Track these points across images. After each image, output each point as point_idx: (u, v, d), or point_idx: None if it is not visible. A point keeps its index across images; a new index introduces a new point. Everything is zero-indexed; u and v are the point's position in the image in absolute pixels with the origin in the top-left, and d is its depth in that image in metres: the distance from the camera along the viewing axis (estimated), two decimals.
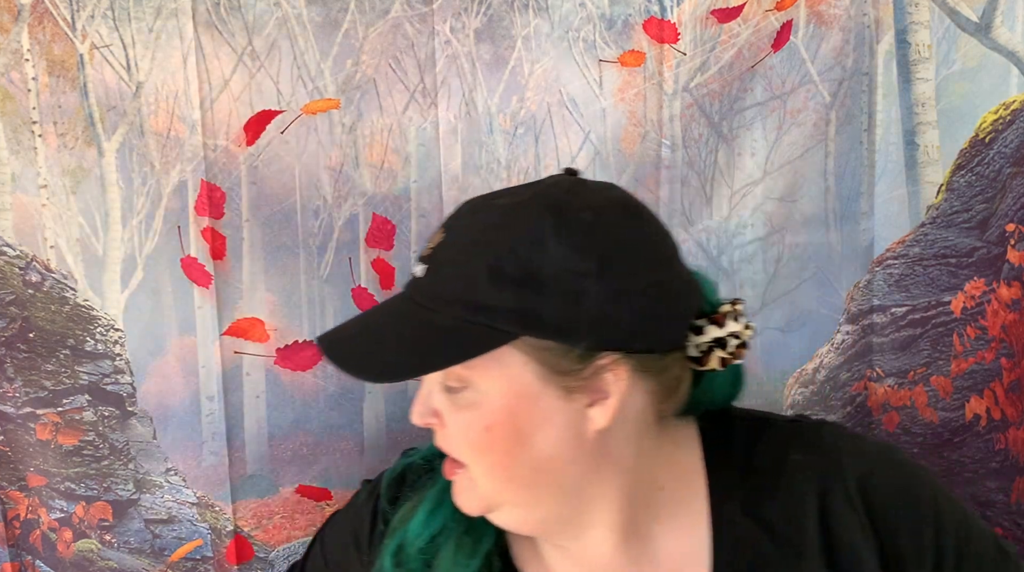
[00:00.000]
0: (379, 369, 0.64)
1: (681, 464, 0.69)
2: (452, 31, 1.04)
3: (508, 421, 0.62)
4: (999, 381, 1.10)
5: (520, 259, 0.59)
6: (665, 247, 0.66)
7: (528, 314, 0.59)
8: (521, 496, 0.65)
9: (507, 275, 0.59)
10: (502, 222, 0.62)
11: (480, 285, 0.60)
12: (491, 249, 0.61)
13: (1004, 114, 1.08)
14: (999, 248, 1.09)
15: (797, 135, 1.11)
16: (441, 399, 0.64)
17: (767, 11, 1.08)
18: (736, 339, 0.67)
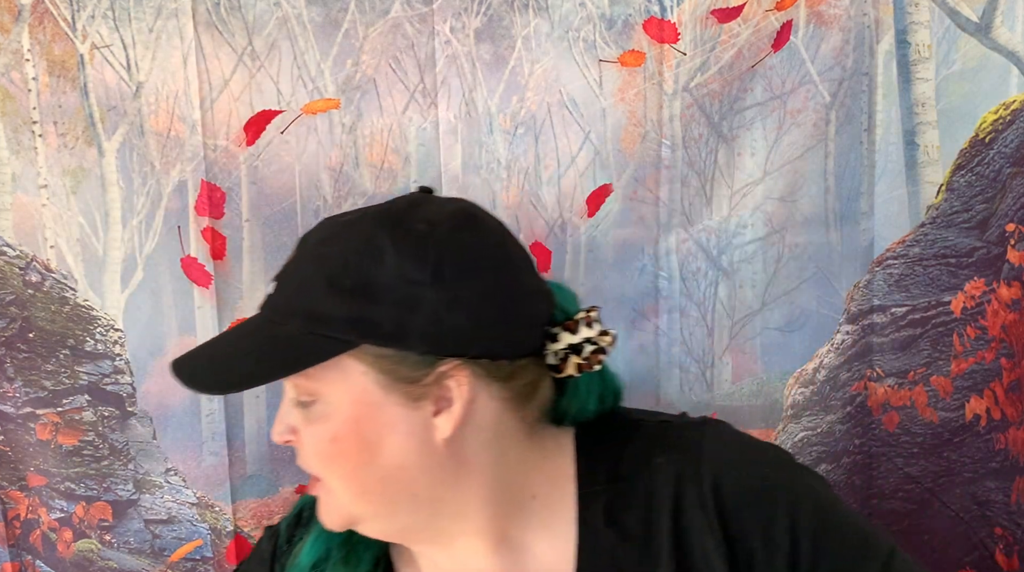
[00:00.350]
0: (220, 381, 0.66)
1: (554, 472, 0.69)
2: (452, 31, 1.04)
3: (353, 431, 0.62)
4: (999, 381, 1.10)
5: (357, 269, 0.61)
6: (505, 255, 0.66)
7: (364, 322, 0.60)
8: (377, 507, 0.65)
9: (344, 285, 0.61)
10: (341, 235, 0.64)
11: (318, 296, 0.61)
12: (329, 261, 0.62)
13: (1004, 114, 1.08)
14: (999, 248, 1.09)
15: (797, 135, 1.11)
16: (296, 415, 0.64)
17: (767, 11, 1.08)
18: (591, 345, 0.67)
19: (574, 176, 1.09)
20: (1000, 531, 1.12)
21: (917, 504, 1.16)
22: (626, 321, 1.12)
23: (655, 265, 1.11)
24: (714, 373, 1.14)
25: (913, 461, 1.16)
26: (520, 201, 1.09)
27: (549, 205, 1.10)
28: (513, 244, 0.67)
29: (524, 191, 1.09)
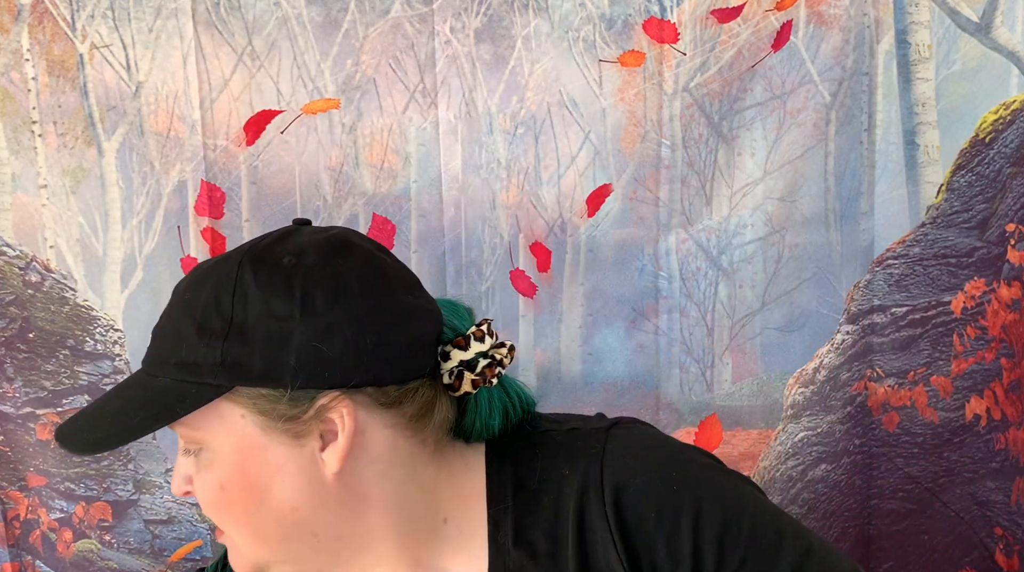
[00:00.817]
0: (96, 439, 0.63)
1: (463, 492, 0.67)
2: (452, 31, 1.04)
3: (240, 476, 0.61)
4: (999, 381, 1.10)
5: (223, 312, 0.59)
6: (381, 278, 0.63)
7: (234, 365, 0.58)
8: (280, 552, 0.64)
9: (211, 329, 0.59)
10: (209, 277, 0.62)
11: (189, 342, 0.60)
12: (197, 306, 0.61)
13: (1004, 114, 1.08)
14: (999, 248, 1.09)
15: (797, 135, 1.11)
16: (188, 464, 0.62)
17: (767, 11, 1.08)
18: (486, 359, 0.65)
19: (574, 176, 1.09)
20: (1000, 531, 1.12)
21: (917, 504, 1.16)
22: (626, 321, 1.12)
23: (655, 265, 1.11)
24: (714, 373, 1.14)
25: (913, 461, 1.16)
26: (520, 201, 1.09)
27: (549, 205, 1.10)
28: (392, 266, 0.65)
29: (524, 191, 1.09)
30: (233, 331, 0.59)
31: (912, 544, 1.16)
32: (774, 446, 1.16)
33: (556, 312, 1.12)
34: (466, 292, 1.09)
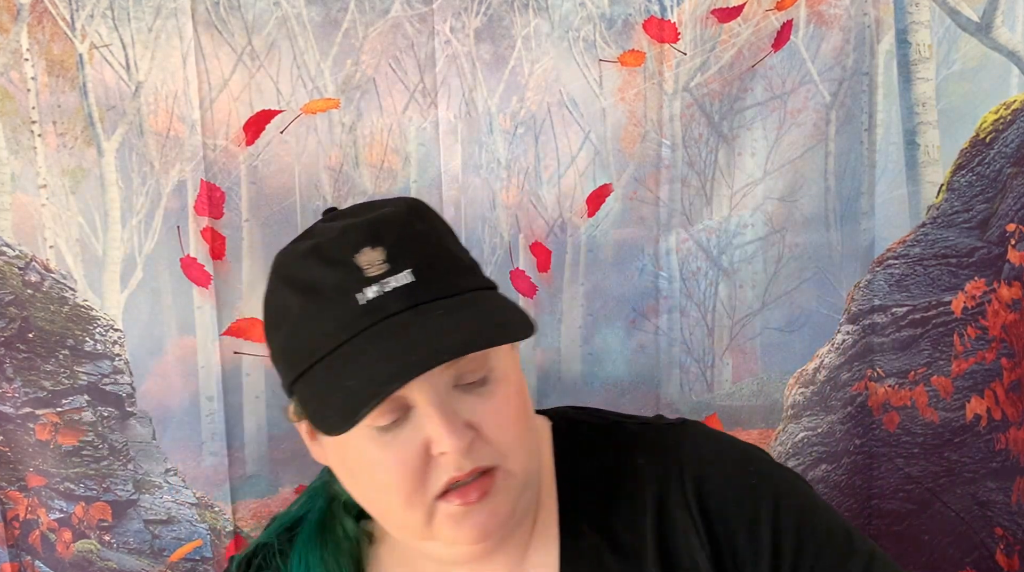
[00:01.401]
0: (519, 320, 0.62)
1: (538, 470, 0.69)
2: (452, 31, 1.04)
3: (522, 381, 0.65)
4: (999, 381, 1.10)
5: (463, 248, 0.68)
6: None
7: (477, 268, 0.67)
8: (532, 474, 0.66)
9: (469, 261, 0.67)
10: (430, 212, 0.68)
11: (475, 269, 0.67)
12: (451, 240, 0.66)
13: (1005, 114, 1.08)
14: (999, 248, 1.09)
15: (797, 135, 1.11)
16: (465, 408, 0.61)
17: (767, 11, 1.08)
18: None
19: (574, 176, 1.09)
20: (1000, 531, 1.12)
21: (918, 504, 1.16)
22: (626, 321, 1.12)
23: (655, 265, 1.11)
24: (714, 373, 1.14)
25: (913, 461, 1.16)
26: (520, 201, 1.09)
27: (549, 205, 1.10)
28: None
29: (524, 191, 1.09)
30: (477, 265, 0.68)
31: (912, 544, 1.16)
32: (774, 446, 1.16)
33: (556, 312, 1.12)
34: None
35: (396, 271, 0.60)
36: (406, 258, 0.60)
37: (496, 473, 0.61)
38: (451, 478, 0.59)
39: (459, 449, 0.58)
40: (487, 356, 0.61)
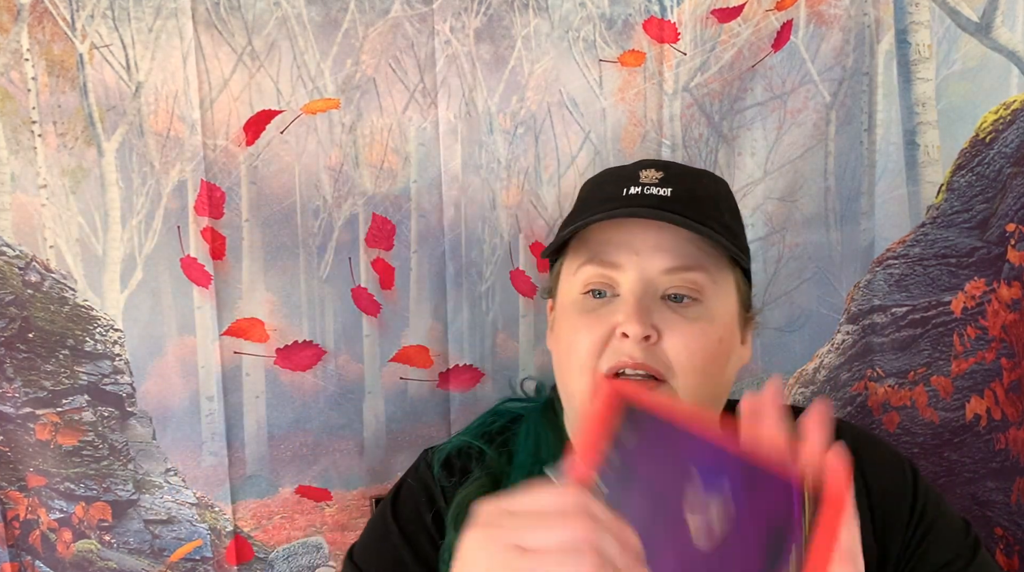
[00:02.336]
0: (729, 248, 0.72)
1: None
2: (452, 31, 1.04)
3: (727, 339, 0.71)
4: (999, 381, 1.10)
5: (732, 204, 0.78)
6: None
7: (746, 252, 0.75)
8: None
9: (734, 211, 0.77)
10: (706, 175, 0.79)
11: (728, 212, 0.76)
12: (719, 190, 0.78)
13: (1004, 114, 1.08)
14: (999, 248, 1.09)
15: (797, 135, 1.11)
16: (661, 317, 0.69)
17: (767, 11, 1.08)
18: None
19: (574, 176, 1.09)
20: (1000, 531, 1.12)
21: None
22: None
23: None
24: None
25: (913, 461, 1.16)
26: (520, 201, 1.09)
27: (549, 205, 1.10)
28: None
29: (524, 191, 1.09)
30: (740, 225, 0.77)
31: None
32: None
33: None
34: (466, 292, 1.09)
35: (662, 186, 0.72)
36: (675, 184, 0.72)
37: (662, 386, 0.69)
38: (620, 362, 0.68)
39: (636, 335, 0.67)
40: (701, 284, 0.70)
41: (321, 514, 1.10)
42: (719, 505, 0.49)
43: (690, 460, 0.50)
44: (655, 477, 0.50)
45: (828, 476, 0.49)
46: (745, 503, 0.49)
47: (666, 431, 0.51)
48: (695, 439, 0.50)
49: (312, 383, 1.07)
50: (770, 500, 0.49)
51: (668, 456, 0.50)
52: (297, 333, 1.06)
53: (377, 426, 1.10)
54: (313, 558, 1.12)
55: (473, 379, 1.12)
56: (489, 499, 0.51)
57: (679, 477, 0.50)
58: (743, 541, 0.49)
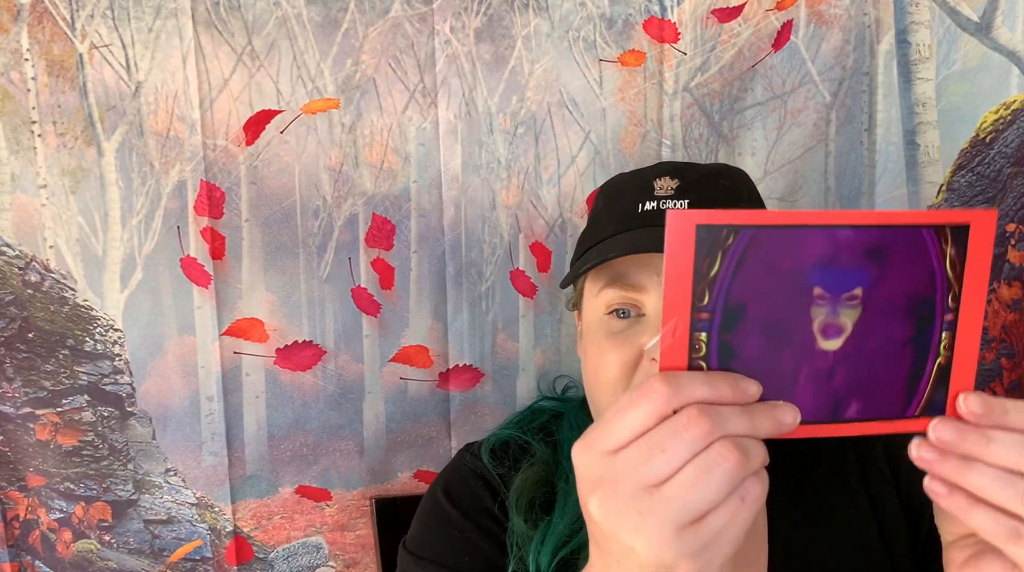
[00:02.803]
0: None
1: None
2: (452, 31, 1.04)
3: None
4: (999, 381, 1.10)
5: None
6: None
7: None
8: None
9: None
10: (742, 175, 0.80)
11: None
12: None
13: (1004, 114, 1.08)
14: (999, 248, 1.09)
15: (797, 135, 1.11)
16: None
17: (767, 11, 1.08)
18: None
19: (574, 176, 1.09)
20: None
21: None
22: None
23: None
24: None
25: None
26: (520, 201, 1.09)
27: (549, 205, 1.10)
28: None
29: (524, 191, 1.09)
30: None
31: None
32: None
33: (556, 312, 1.12)
34: (466, 292, 1.09)
35: (678, 198, 0.72)
36: (692, 193, 0.72)
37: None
38: None
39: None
40: None
41: (321, 514, 1.10)
42: (847, 297, 0.47)
43: (801, 261, 0.46)
44: (768, 300, 0.46)
45: (968, 217, 0.46)
46: (877, 281, 0.47)
47: (763, 242, 0.45)
48: (796, 233, 0.46)
49: (312, 383, 1.07)
50: (904, 266, 0.47)
51: (774, 269, 0.46)
52: (297, 333, 1.06)
53: (377, 426, 1.10)
54: (313, 558, 1.12)
55: (473, 379, 1.12)
56: (581, 447, 0.47)
57: (795, 287, 0.46)
58: (883, 318, 0.47)
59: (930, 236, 0.47)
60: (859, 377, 0.48)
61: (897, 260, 0.47)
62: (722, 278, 0.45)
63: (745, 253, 0.45)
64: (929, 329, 0.48)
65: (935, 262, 0.47)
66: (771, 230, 0.45)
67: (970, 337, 0.49)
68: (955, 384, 0.49)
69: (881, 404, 0.49)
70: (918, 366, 0.49)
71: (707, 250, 0.45)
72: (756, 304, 0.46)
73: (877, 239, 0.46)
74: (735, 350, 0.46)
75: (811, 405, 0.47)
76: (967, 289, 0.48)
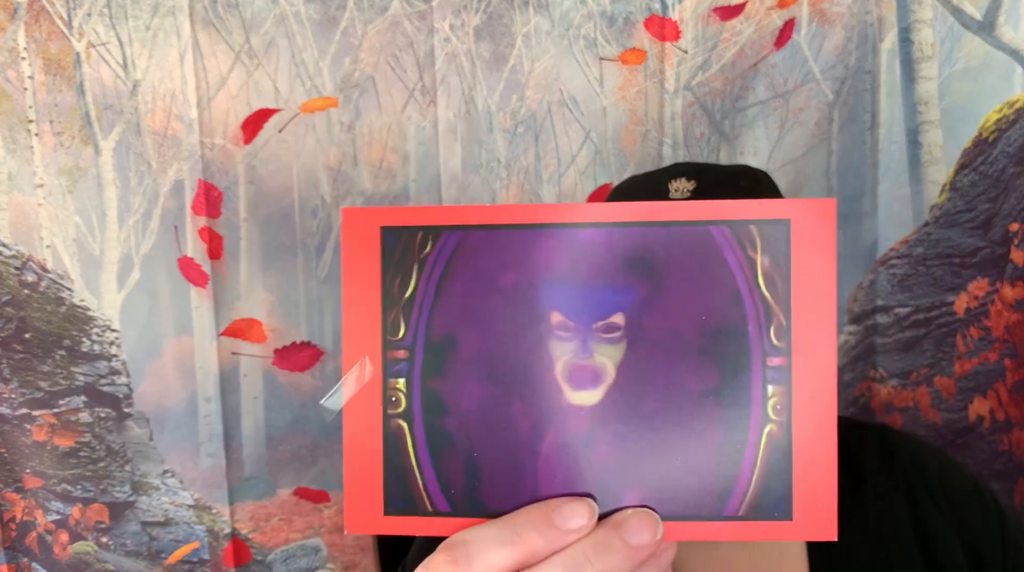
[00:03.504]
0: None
1: None
2: (451, 29, 1.03)
3: None
4: (1002, 382, 1.10)
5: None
6: None
7: None
8: None
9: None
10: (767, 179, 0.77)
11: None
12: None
13: (1008, 113, 1.07)
14: (1003, 248, 1.08)
15: (799, 134, 1.11)
16: None
17: (769, 9, 1.07)
18: None
19: (574, 175, 1.09)
20: None
21: None
22: None
23: None
24: None
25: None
26: (520, 200, 1.08)
27: None
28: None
29: (524, 190, 1.08)
30: None
31: None
32: None
33: None
34: None
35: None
36: (710, 196, 0.67)
37: None
38: None
39: None
40: None
41: (319, 516, 1.09)
42: (602, 327, 0.33)
43: (530, 273, 0.33)
44: (487, 330, 0.34)
45: (786, 209, 0.33)
46: (647, 303, 0.33)
47: (473, 248, 0.33)
48: (519, 235, 0.33)
49: (310, 384, 1.07)
50: (689, 281, 0.33)
51: (491, 287, 0.34)
52: (295, 333, 1.05)
53: None
54: (311, 560, 1.11)
55: None
56: None
57: (523, 312, 0.33)
58: (665, 359, 0.33)
59: (724, 237, 0.33)
60: (637, 450, 0.33)
61: (676, 272, 0.33)
62: (421, 301, 0.34)
63: (450, 265, 0.34)
64: (744, 377, 0.33)
65: (738, 276, 0.33)
66: (484, 232, 0.33)
67: (819, 394, 0.33)
68: (803, 471, 0.33)
69: (678, 495, 0.33)
70: (732, 435, 0.33)
71: (398, 263, 0.33)
72: (470, 337, 0.34)
73: (641, 242, 0.33)
74: (446, 403, 0.34)
75: (562, 488, 0.33)
76: (800, 318, 0.33)
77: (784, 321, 0.33)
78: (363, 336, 0.33)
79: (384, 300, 0.33)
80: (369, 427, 0.34)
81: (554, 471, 0.33)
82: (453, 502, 0.33)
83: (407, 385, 0.34)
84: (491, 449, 0.33)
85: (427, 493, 0.34)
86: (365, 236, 0.33)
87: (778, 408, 0.33)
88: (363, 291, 0.33)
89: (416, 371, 0.34)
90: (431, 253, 0.33)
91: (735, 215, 0.33)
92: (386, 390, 0.34)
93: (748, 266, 0.33)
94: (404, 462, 0.34)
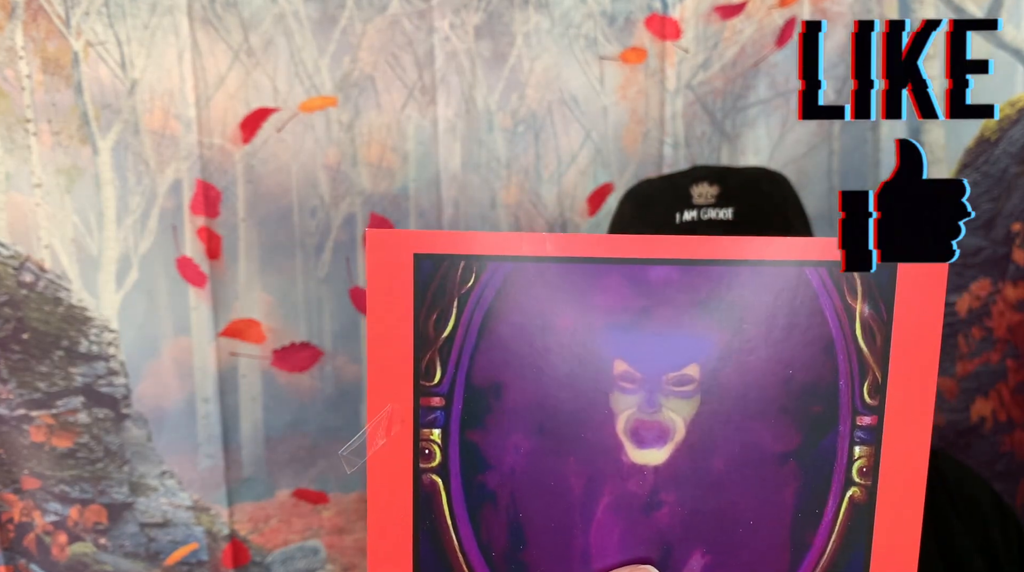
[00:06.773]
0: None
1: None
2: (451, 27, 1.03)
3: None
4: (1005, 383, 1.09)
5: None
6: None
7: None
8: None
9: None
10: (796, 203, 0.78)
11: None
12: (794, 217, 0.77)
13: (1010, 112, 1.07)
14: (1005, 248, 1.08)
15: (801, 133, 1.10)
16: None
17: (771, 7, 1.07)
18: None
19: (575, 175, 1.08)
20: None
21: None
22: None
23: None
24: None
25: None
26: (520, 200, 1.08)
27: (549, 204, 1.09)
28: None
29: (524, 190, 1.08)
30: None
31: None
32: None
33: None
34: None
35: (720, 206, 0.67)
36: (736, 201, 0.68)
37: None
38: None
39: None
40: None
41: (318, 517, 1.09)
42: (673, 379, 0.29)
43: (589, 316, 0.28)
44: (537, 379, 0.28)
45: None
46: (727, 354, 0.28)
47: (523, 284, 0.27)
48: (578, 270, 0.27)
49: (310, 384, 1.06)
50: (776, 330, 0.28)
51: (544, 329, 0.28)
52: (294, 334, 1.05)
53: None
54: (311, 562, 1.11)
55: None
56: None
57: (582, 359, 0.28)
58: (742, 417, 0.29)
59: (821, 281, 0.29)
60: (703, 514, 0.29)
61: (762, 319, 0.28)
62: (461, 341, 0.29)
63: (496, 301, 0.28)
64: (829, 437, 0.29)
65: (832, 325, 0.30)
66: (536, 264, 0.27)
67: (910, 458, 0.29)
68: (885, 540, 0.30)
69: (745, 565, 0.30)
70: (810, 500, 0.29)
71: (435, 296, 0.29)
72: (517, 384, 0.29)
73: (723, 282, 0.28)
74: (487, 458, 0.30)
75: (617, 555, 0.29)
76: (898, 374, 0.29)
77: (880, 377, 0.30)
78: (392, 380, 0.30)
79: (417, 339, 0.29)
80: (398, 482, 0.31)
81: (609, 536, 0.29)
82: (494, 566, 0.30)
83: (443, 436, 0.31)
84: (538, 509, 0.29)
85: (463, 555, 0.30)
86: (395, 264, 0.29)
87: (864, 471, 0.30)
88: (392, 328, 0.29)
89: (454, 421, 0.31)
90: (474, 287, 0.28)
91: (836, 256, 0.28)
92: (418, 441, 0.31)
93: (845, 314, 0.30)
94: (438, 522, 0.30)
